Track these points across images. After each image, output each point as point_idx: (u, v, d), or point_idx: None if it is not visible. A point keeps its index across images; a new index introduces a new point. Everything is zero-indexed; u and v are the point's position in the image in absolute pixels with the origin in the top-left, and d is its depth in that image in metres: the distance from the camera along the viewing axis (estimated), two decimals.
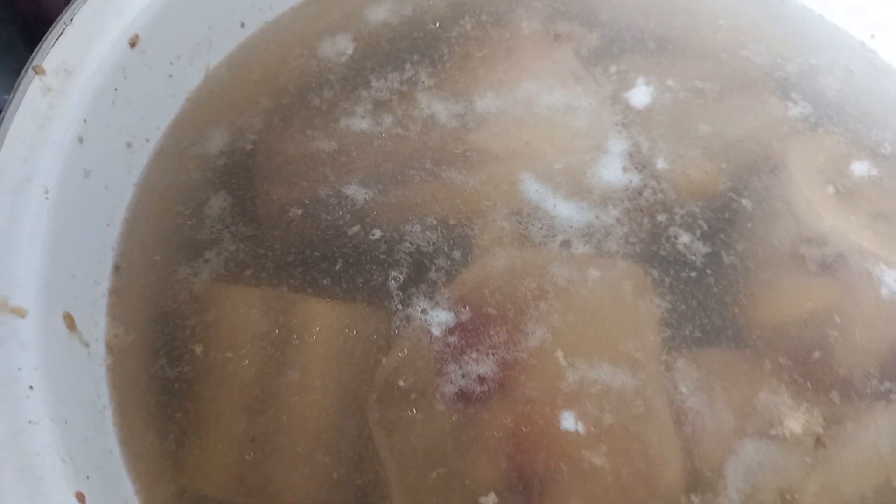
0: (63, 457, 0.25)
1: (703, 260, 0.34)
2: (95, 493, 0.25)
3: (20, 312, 0.26)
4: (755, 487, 0.30)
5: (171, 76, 0.36)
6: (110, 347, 0.31)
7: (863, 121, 0.38)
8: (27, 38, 0.48)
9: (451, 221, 0.35)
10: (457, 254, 0.34)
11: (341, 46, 0.40)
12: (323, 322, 0.33)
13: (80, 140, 0.31)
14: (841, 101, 0.39)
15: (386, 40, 0.40)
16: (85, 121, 0.31)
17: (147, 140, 0.35)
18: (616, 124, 0.37)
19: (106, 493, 0.26)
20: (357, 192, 0.36)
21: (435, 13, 0.41)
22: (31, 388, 0.25)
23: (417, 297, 0.33)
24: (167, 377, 0.32)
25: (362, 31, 0.41)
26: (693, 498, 0.30)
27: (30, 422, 0.25)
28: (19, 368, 0.25)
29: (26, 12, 0.48)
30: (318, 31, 0.41)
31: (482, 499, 0.30)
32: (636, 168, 0.36)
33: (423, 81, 0.39)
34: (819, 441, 0.30)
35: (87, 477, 0.25)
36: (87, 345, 0.30)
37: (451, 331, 0.32)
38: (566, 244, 0.35)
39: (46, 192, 0.29)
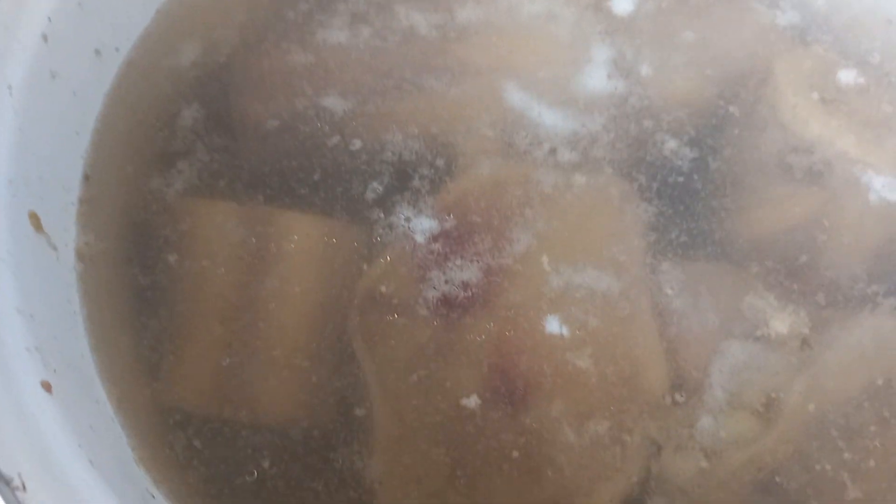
0: (28, 347, 0.24)
1: (690, 165, 0.33)
2: (63, 387, 0.25)
3: None
4: (741, 387, 0.30)
5: None
6: (80, 255, 0.31)
7: (852, 30, 0.38)
8: None
9: (434, 130, 0.34)
10: (440, 162, 0.34)
11: None
12: (301, 230, 0.32)
13: (45, 38, 0.30)
14: (829, 10, 0.38)
15: None
16: (49, 19, 0.30)
17: (117, 49, 0.34)
18: (599, 32, 0.36)
19: (76, 391, 0.25)
20: (336, 104, 0.35)
21: None
22: None
23: (401, 206, 0.33)
24: (140, 285, 0.31)
25: None
26: (678, 397, 0.29)
27: None
28: None
29: None
30: None
31: (464, 400, 0.29)
32: (621, 75, 0.35)
33: None
34: (805, 342, 0.30)
35: (55, 371, 0.25)
36: (55, 248, 0.29)
37: (435, 238, 0.32)
38: (552, 152, 0.34)
39: (10, 88, 0.28)
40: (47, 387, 0.23)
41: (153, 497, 0.25)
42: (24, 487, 0.21)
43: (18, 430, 0.22)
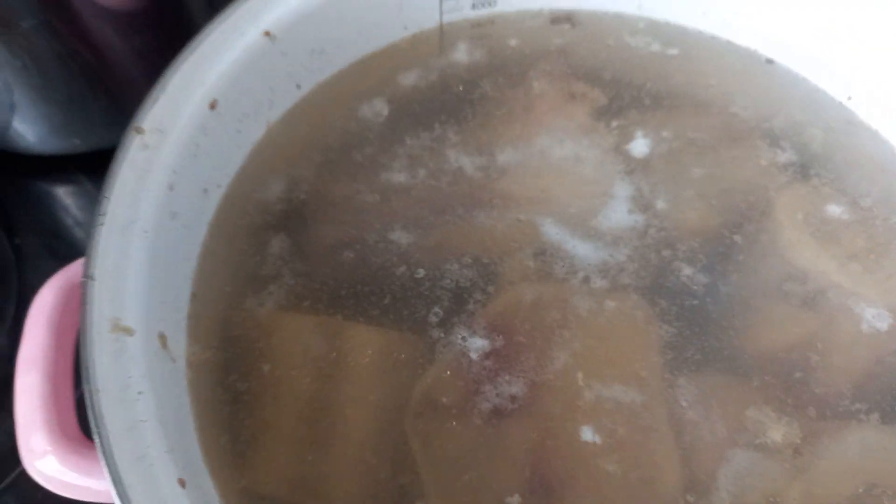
0: (167, 450, 0.30)
1: (703, 290, 0.39)
2: (189, 482, 0.30)
3: (129, 332, 0.32)
4: (743, 490, 0.35)
5: (239, 132, 0.42)
6: (190, 363, 0.37)
7: (852, 171, 0.43)
8: (95, 89, 0.55)
9: (485, 260, 0.40)
10: (491, 288, 0.40)
11: (378, 108, 0.46)
12: (373, 346, 0.38)
13: (171, 188, 0.36)
14: (827, 153, 0.44)
15: (416, 103, 0.46)
16: (174, 171, 0.37)
17: (219, 186, 0.41)
18: (619, 172, 0.42)
19: (195, 485, 0.31)
20: (401, 237, 0.41)
21: (458, 77, 0.47)
22: (140, 392, 0.31)
23: (458, 326, 0.38)
24: (238, 390, 0.37)
25: (395, 94, 0.46)
26: (689, 497, 0.34)
27: (141, 420, 0.30)
28: (131, 376, 0.31)
29: (100, 71, 0.54)
30: (358, 95, 0.46)
31: (507, 499, 0.35)
32: (640, 210, 0.41)
33: (451, 138, 0.44)
34: (797, 451, 0.35)
35: (184, 468, 0.30)
36: (174, 360, 0.35)
37: (486, 356, 0.38)
38: (586, 280, 0.40)
39: (146, 232, 0.35)
40: (182, 483, 0.29)
41: None
42: None
43: None
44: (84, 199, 0.60)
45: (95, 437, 0.29)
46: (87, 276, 0.32)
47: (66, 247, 0.58)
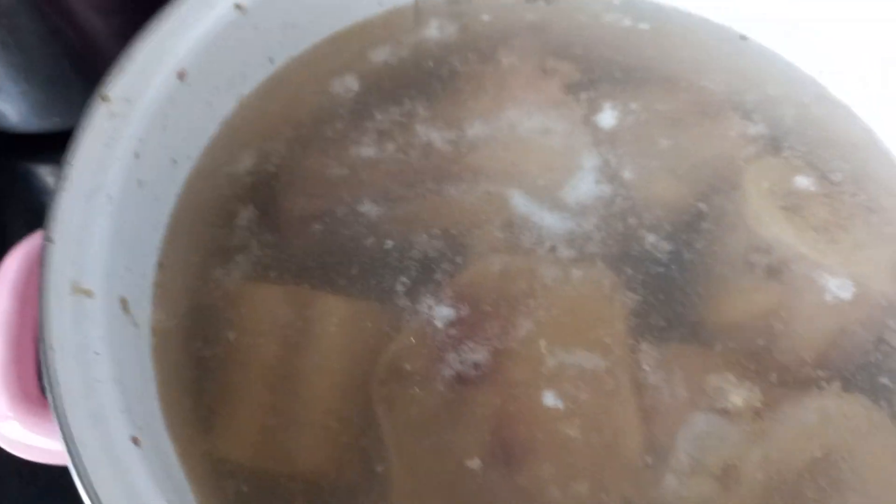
0: (122, 409, 0.30)
1: (669, 258, 0.39)
2: (145, 442, 0.31)
3: (89, 294, 0.32)
4: (703, 453, 0.35)
5: (210, 104, 0.42)
6: (154, 330, 0.37)
7: (825, 147, 0.43)
8: (77, 69, 0.55)
9: (453, 232, 0.41)
10: (459, 259, 0.40)
11: (349, 84, 0.46)
12: (339, 314, 0.38)
13: (137, 156, 0.37)
14: (799, 127, 0.44)
15: (387, 78, 0.46)
16: (140, 140, 0.37)
17: (188, 158, 0.41)
18: (587, 143, 0.42)
19: (152, 445, 0.31)
20: (370, 209, 0.42)
21: (430, 53, 0.47)
22: (96, 353, 0.31)
23: (425, 296, 0.39)
24: (203, 356, 0.37)
25: (367, 70, 0.46)
26: (648, 459, 0.34)
27: (96, 380, 0.30)
28: (88, 337, 0.31)
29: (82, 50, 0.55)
30: (330, 70, 0.46)
31: (468, 462, 0.35)
32: (607, 180, 0.41)
33: (420, 113, 0.44)
34: (758, 414, 0.35)
35: (140, 428, 0.31)
36: (136, 326, 0.35)
37: (452, 324, 0.38)
38: (552, 249, 0.40)
39: (110, 199, 0.35)
40: (136, 441, 0.30)
41: None
42: None
43: (118, 477, 0.28)
44: None
45: (48, 394, 0.29)
46: (47, 238, 0.32)
47: None
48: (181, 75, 0.39)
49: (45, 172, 0.61)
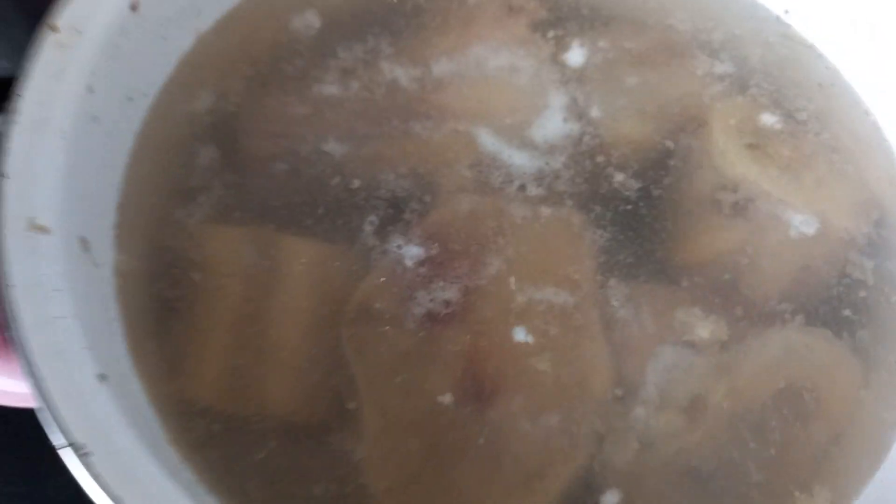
0: (85, 346, 0.29)
1: (636, 195, 0.39)
2: (112, 379, 0.30)
3: (45, 230, 0.31)
4: (671, 385, 0.35)
5: (165, 38, 0.40)
6: (117, 271, 0.36)
7: (792, 87, 0.44)
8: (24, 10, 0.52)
9: (421, 171, 0.40)
10: (427, 198, 0.39)
11: (309, 21, 0.44)
12: (307, 254, 0.38)
13: (90, 90, 0.35)
14: (765, 67, 0.44)
15: (349, 15, 0.45)
16: (93, 73, 0.35)
17: (145, 95, 0.40)
18: (555, 81, 0.42)
19: (119, 383, 0.30)
20: (335, 149, 0.41)
21: None
22: (56, 290, 0.30)
23: (393, 235, 0.38)
24: (167, 297, 0.36)
25: (327, 6, 0.45)
26: (617, 392, 0.35)
27: (56, 316, 0.29)
28: (46, 274, 0.30)
29: None
30: (290, 6, 0.45)
31: (439, 398, 0.35)
32: (575, 119, 0.41)
33: (384, 50, 0.43)
34: (724, 346, 0.36)
35: (105, 365, 0.30)
36: (97, 266, 0.34)
37: (421, 263, 0.37)
38: (521, 188, 0.40)
39: (63, 133, 0.33)
40: (103, 378, 0.29)
41: (183, 468, 0.30)
42: (91, 453, 0.26)
43: (84, 412, 0.27)
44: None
45: (11, 331, 0.28)
46: (0, 173, 0.31)
47: None
48: (133, 6, 0.37)
49: None
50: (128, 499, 0.26)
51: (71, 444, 0.26)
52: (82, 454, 0.26)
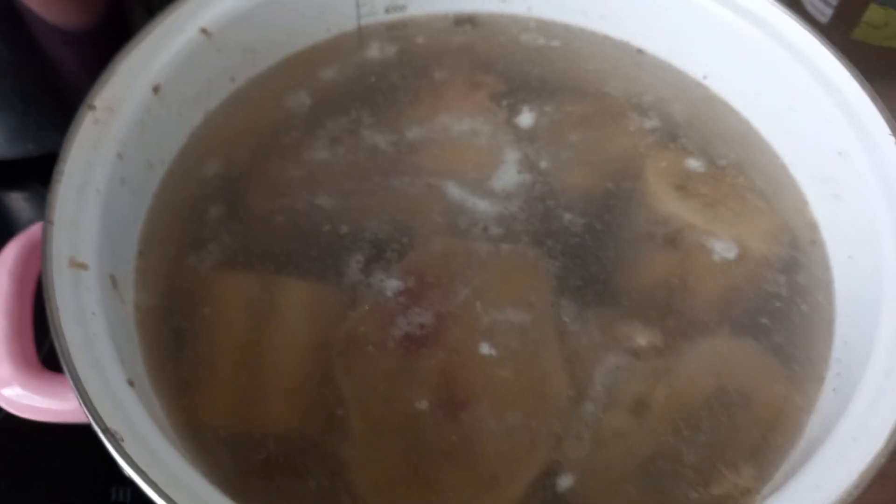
0: (117, 360, 0.35)
1: (582, 229, 0.46)
2: (138, 391, 0.36)
3: (84, 267, 0.37)
4: (616, 385, 0.41)
5: (181, 115, 0.48)
6: (137, 307, 0.42)
7: (709, 137, 0.51)
8: (49, 97, 0.60)
9: (400, 217, 0.47)
10: (405, 240, 0.46)
11: (302, 99, 0.52)
12: (302, 290, 0.44)
13: (120, 157, 0.42)
14: (689, 122, 0.52)
15: (335, 94, 0.53)
16: (122, 143, 0.42)
17: (162, 162, 0.47)
18: (509, 141, 0.50)
19: (142, 400, 0.36)
20: (325, 202, 0.48)
21: (371, 71, 0.54)
22: (93, 314, 0.36)
23: (377, 271, 0.45)
24: (181, 328, 0.42)
25: (318, 87, 0.53)
26: (570, 392, 0.41)
27: (94, 334, 0.35)
28: (85, 300, 0.36)
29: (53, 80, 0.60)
30: (286, 88, 0.53)
31: (417, 404, 0.40)
32: (527, 170, 0.48)
33: (365, 120, 0.51)
34: (659, 353, 0.42)
35: (133, 377, 0.36)
36: (123, 301, 0.41)
37: (400, 293, 0.44)
38: (485, 229, 0.47)
39: (98, 191, 0.40)
40: (131, 383, 0.35)
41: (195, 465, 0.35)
42: (123, 439, 0.32)
43: (117, 407, 0.33)
44: (38, 202, 0.65)
45: (56, 343, 0.34)
46: (47, 220, 0.38)
47: None
48: (156, 89, 0.45)
49: (19, 198, 0.65)
50: (153, 474, 0.31)
51: (105, 431, 0.32)
52: (115, 439, 0.32)
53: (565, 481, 0.39)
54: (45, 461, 0.51)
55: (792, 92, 0.48)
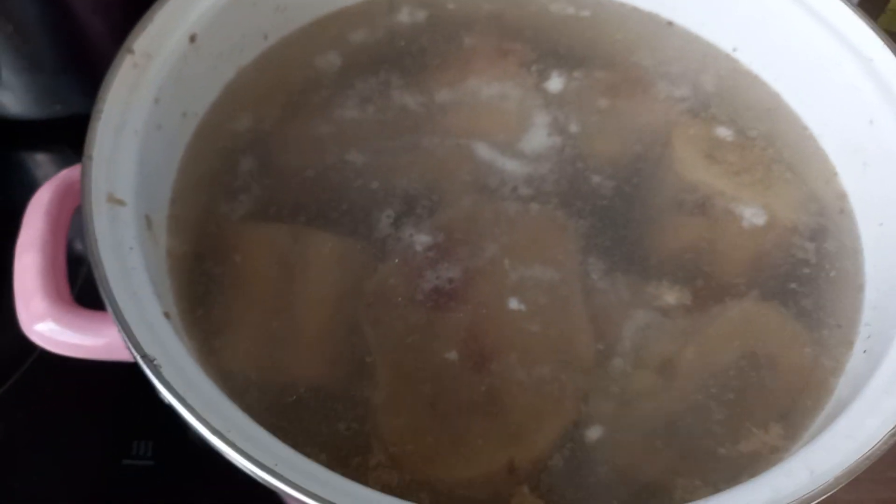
0: (154, 293, 0.35)
1: (611, 192, 0.46)
2: (171, 326, 0.36)
3: (121, 202, 0.38)
4: (645, 341, 0.41)
5: (215, 68, 0.48)
6: (169, 253, 0.42)
7: (739, 109, 0.51)
8: (77, 59, 0.61)
9: (429, 177, 0.47)
10: (435, 197, 0.46)
11: (332, 60, 0.53)
12: (332, 242, 0.44)
13: (157, 101, 0.42)
14: (718, 92, 0.52)
15: (365, 55, 0.53)
16: (159, 89, 0.43)
17: (196, 113, 0.47)
18: (539, 105, 0.50)
19: (174, 339, 0.36)
20: (356, 158, 0.48)
21: (401, 35, 0.54)
22: (130, 248, 0.36)
23: (406, 226, 0.45)
24: (212, 273, 0.43)
25: (347, 48, 0.53)
26: (599, 346, 0.41)
27: (131, 267, 0.36)
28: (123, 234, 0.36)
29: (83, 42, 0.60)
30: (315, 49, 0.53)
31: (445, 354, 0.41)
32: (557, 133, 0.49)
33: (395, 82, 0.51)
34: (688, 310, 0.42)
35: (168, 312, 0.36)
36: (157, 244, 0.41)
37: (429, 248, 0.44)
38: (514, 189, 0.47)
39: (136, 133, 0.40)
40: (167, 315, 0.35)
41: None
42: (160, 365, 0.32)
43: (154, 336, 0.33)
44: (64, 163, 0.65)
45: (95, 272, 0.34)
46: (86, 155, 0.38)
47: None
48: (192, 38, 0.45)
49: (46, 160, 0.66)
50: (190, 399, 0.31)
51: (143, 357, 0.32)
52: (154, 365, 0.32)
53: (594, 433, 0.39)
54: (70, 409, 0.51)
55: (822, 62, 0.48)
